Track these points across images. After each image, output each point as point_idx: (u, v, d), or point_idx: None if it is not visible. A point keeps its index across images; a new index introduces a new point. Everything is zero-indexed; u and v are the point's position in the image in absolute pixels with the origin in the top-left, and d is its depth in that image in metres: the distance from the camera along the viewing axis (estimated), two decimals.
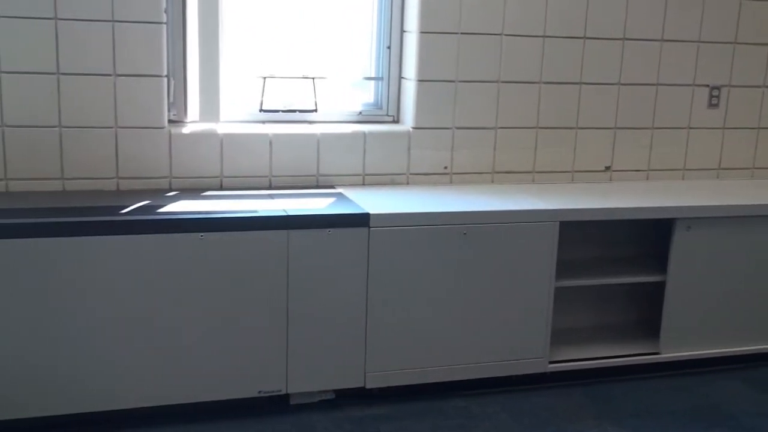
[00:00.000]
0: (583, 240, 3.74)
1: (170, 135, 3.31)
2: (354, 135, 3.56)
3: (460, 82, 3.63)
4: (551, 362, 3.44)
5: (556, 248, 3.32)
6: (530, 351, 3.39)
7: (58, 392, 2.87)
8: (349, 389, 3.21)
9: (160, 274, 2.90)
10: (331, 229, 3.04)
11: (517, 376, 3.42)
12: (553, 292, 3.37)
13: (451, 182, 3.72)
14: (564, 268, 3.42)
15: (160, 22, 3.20)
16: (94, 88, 3.18)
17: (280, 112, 3.59)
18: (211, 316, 2.98)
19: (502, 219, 3.26)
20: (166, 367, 2.96)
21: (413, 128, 3.63)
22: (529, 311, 3.36)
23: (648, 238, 3.81)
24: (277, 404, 3.16)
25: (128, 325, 2.90)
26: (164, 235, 2.89)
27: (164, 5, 3.21)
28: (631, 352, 3.59)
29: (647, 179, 4.03)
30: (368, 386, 3.21)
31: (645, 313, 3.85)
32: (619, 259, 3.81)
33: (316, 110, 3.62)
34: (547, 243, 3.31)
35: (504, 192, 3.62)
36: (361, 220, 3.08)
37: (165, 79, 3.27)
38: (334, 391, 3.23)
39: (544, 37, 3.71)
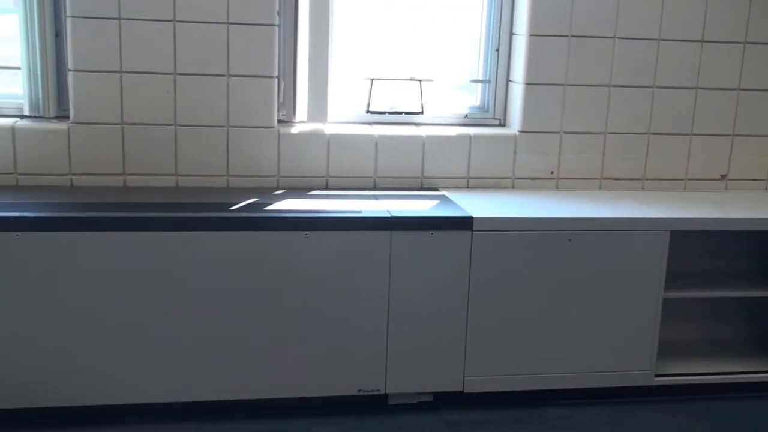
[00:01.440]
0: (695, 251, 3.61)
1: (279, 135, 3.38)
2: (459, 138, 3.55)
3: (569, 85, 3.57)
4: (657, 375, 3.33)
5: (665, 258, 3.21)
6: (635, 363, 3.29)
7: (161, 380, 2.99)
8: (447, 392, 3.20)
9: (266, 271, 2.97)
10: (434, 232, 3.04)
11: (620, 387, 3.32)
12: (661, 304, 3.26)
13: (557, 187, 3.66)
14: (673, 278, 3.30)
15: (273, 25, 3.28)
16: (208, 88, 3.29)
17: (387, 114, 3.61)
18: (314, 314, 3.02)
19: (610, 226, 3.18)
20: (271, 361, 3.03)
21: (520, 132, 3.58)
22: (635, 322, 3.26)
23: (765, 250, 3.64)
24: (375, 404, 3.18)
25: (234, 318, 2.98)
26: (271, 232, 2.95)
27: (277, 8, 3.29)
28: (743, 369, 3.43)
29: (767, 189, 3.85)
30: (467, 390, 3.19)
31: (759, 329, 3.67)
32: (733, 272, 3.65)
33: (422, 112, 3.62)
34: (656, 252, 3.21)
35: (612, 199, 3.52)
36: (465, 223, 3.07)
37: (276, 80, 3.34)
38: (433, 393, 3.22)
39: (659, 40, 3.59)
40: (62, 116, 3.30)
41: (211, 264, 2.93)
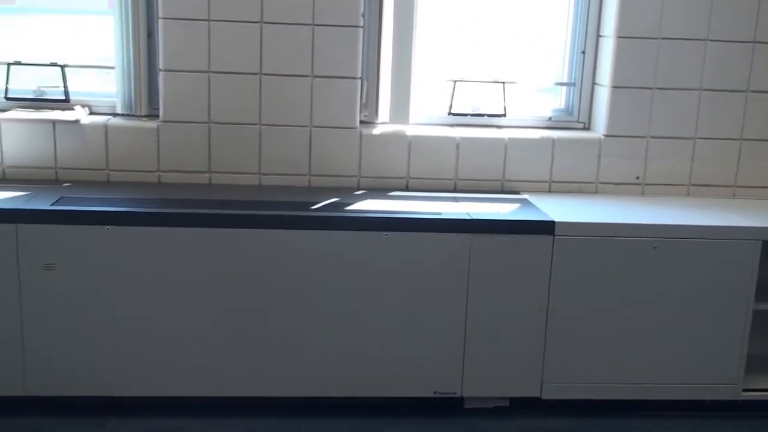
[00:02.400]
0: None
1: (361, 135, 3.41)
2: (542, 141, 3.50)
3: (657, 89, 3.47)
4: (745, 390, 3.21)
5: (756, 269, 3.10)
6: (722, 376, 3.18)
7: (238, 375, 3.05)
8: (524, 398, 3.16)
9: (345, 270, 2.99)
10: (515, 235, 3.01)
11: (704, 401, 3.22)
12: (751, 316, 3.14)
13: (642, 193, 3.57)
14: (765, 290, 3.18)
15: (358, 26, 3.31)
16: (292, 88, 3.34)
17: (469, 116, 3.59)
18: (392, 314, 3.03)
19: (698, 234, 3.08)
20: (347, 360, 3.05)
21: (605, 136, 3.51)
22: (722, 334, 3.15)
23: None
24: (450, 407, 3.17)
25: (312, 316, 3.01)
26: (351, 232, 2.98)
27: (362, 9, 3.31)
28: None
29: None
30: (544, 397, 3.14)
31: None
32: None
33: (504, 115, 3.59)
34: (746, 262, 3.09)
35: (700, 206, 3.41)
36: (546, 227, 3.02)
37: (359, 81, 3.37)
38: (509, 398, 3.19)
39: (754, 42, 3.47)
40: (152, 115, 3.40)
41: (292, 262, 2.97)
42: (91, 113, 3.43)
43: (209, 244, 2.94)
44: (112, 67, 3.38)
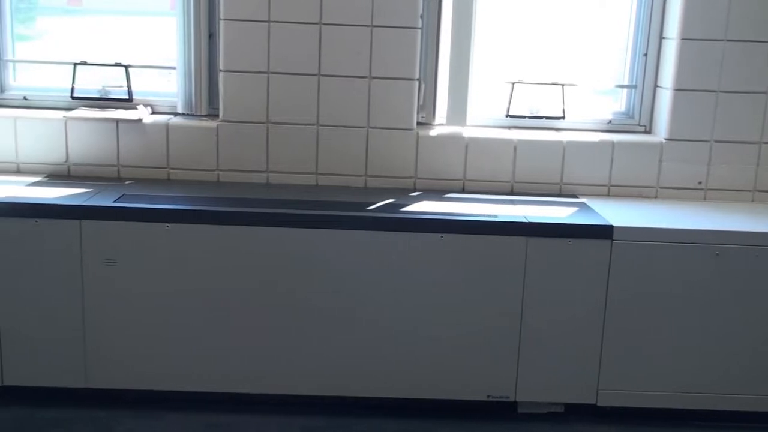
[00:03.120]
0: None
1: (418, 137, 3.40)
2: (602, 144, 3.45)
3: (722, 92, 3.39)
4: None
5: None
6: None
7: (297, 373, 3.07)
8: (579, 404, 3.12)
9: (400, 271, 2.99)
10: (572, 239, 2.97)
11: (765, 413, 3.13)
12: None
13: (705, 199, 3.49)
14: None
15: (416, 27, 3.31)
16: (350, 89, 3.35)
17: (527, 118, 3.56)
18: (446, 316, 3.02)
19: (762, 241, 3.00)
20: (400, 361, 3.05)
21: (666, 139, 3.44)
22: None
23: None
24: (503, 411, 3.14)
25: (366, 316, 3.02)
26: (406, 233, 2.98)
27: (420, 11, 3.31)
28: None
29: None
30: (600, 404, 3.09)
31: None
32: None
33: (563, 117, 3.55)
34: None
35: (765, 212, 3.32)
36: (604, 232, 2.98)
37: (416, 83, 3.37)
38: (564, 404, 3.15)
39: None
40: (212, 114, 3.45)
41: (348, 262, 2.98)
42: (153, 113, 3.49)
43: (266, 243, 2.97)
44: (174, 68, 3.44)
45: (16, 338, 3.00)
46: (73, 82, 3.46)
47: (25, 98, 3.50)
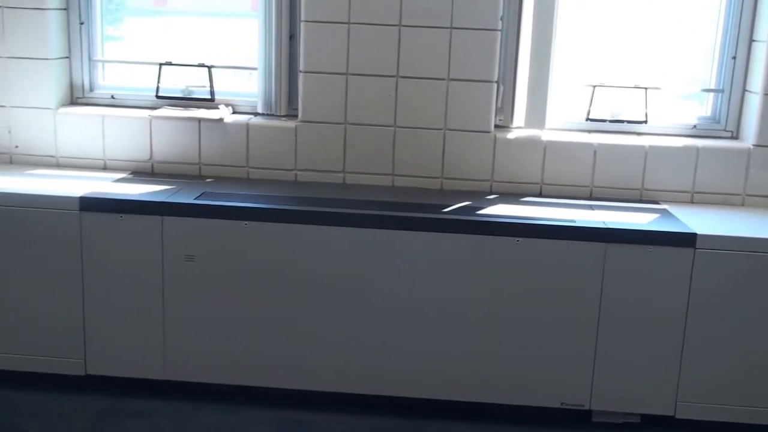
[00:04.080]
0: None
1: (495, 139, 3.37)
2: (685, 149, 3.35)
3: None
4: None
5: None
6: None
7: (366, 373, 3.08)
8: (656, 416, 3.04)
9: (475, 274, 2.97)
10: (653, 246, 2.90)
11: None
12: None
13: None
14: None
15: (496, 29, 3.28)
16: (428, 91, 3.35)
17: (608, 122, 3.49)
18: (520, 321, 2.99)
19: None
20: (471, 364, 3.04)
21: (755, 146, 3.33)
22: None
23: None
24: (577, 419, 3.09)
25: (437, 318, 3.01)
26: (482, 236, 2.96)
27: (501, 13, 3.28)
28: None
29: None
30: (678, 416, 3.01)
31: None
32: None
33: (645, 121, 3.46)
34: None
35: None
36: (687, 239, 2.90)
37: (495, 85, 3.34)
38: (641, 415, 3.07)
39: None
40: (291, 115, 3.49)
41: (422, 264, 2.98)
42: (234, 112, 3.56)
43: (341, 243, 2.99)
44: (255, 68, 3.50)
45: (99, 329, 3.11)
46: (158, 82, 3.55)
47: (112, 97, 3.61)
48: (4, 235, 3.07)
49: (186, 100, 3.58)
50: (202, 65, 3.56)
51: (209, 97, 3.56)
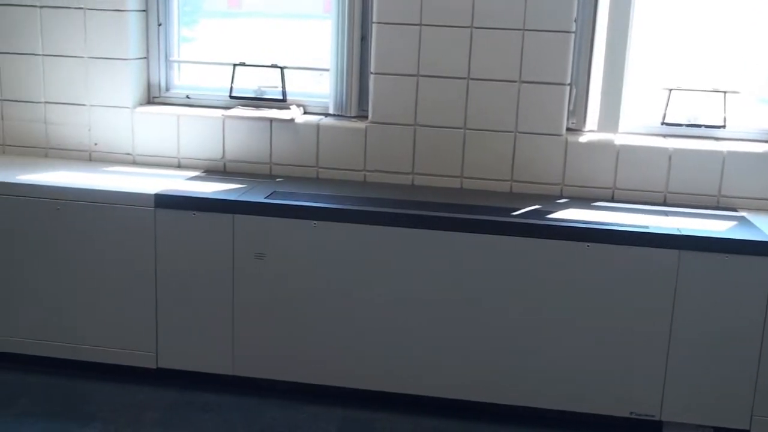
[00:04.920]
0: None
1: (567, 143, 3.33)
2: (765, 155, 3.25)
3: None
4: None
5: None
6: None
7: (435, 375, 3.07)
8: (731, 429, 2.95)
9: (544, 279, 2.94)
10: (729, 255, 2.82)
11: None
12: None
13: None
14: None
15: (569, 32, 3.24)
16: (499, 93, 3.32)
17: (684, 126, 3.40)
18: (590, 327, 2.94)
19: None
20: (538, 370, 3.00)
21: None
22: None
23: None
24: (647, 429, 3.02)
25: (503, 323, 2.99)
26: (551, 240, 2.92)
27: (575, 14, 3.24)
28: None
29: None
30: (753, 430, 2.92)
31: None
32: None
33: (724, 126, 3.37)
34: None
35: None
36: (765, 249, 2.81)
37: (567, 88, 3.29)
38: (714, 428, 2.99)
39: None
40: (361, 116, 3.51)
41: (490, 267, 2.96)
42: (305, 113, 3.59)
43: (409, 244, 2.99)
44: (327, 69, 3.53)
45: (171, 323, 3.18)
46: (231, 82, 3.61)
47: (187, 97, 3.69)
48: (83, 229, 3.17)
49: (258, 100, 3.63)
50: (274, 66, 3.61)
51: (281, 97, 3.60)
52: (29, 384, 3.22)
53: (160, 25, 3.64)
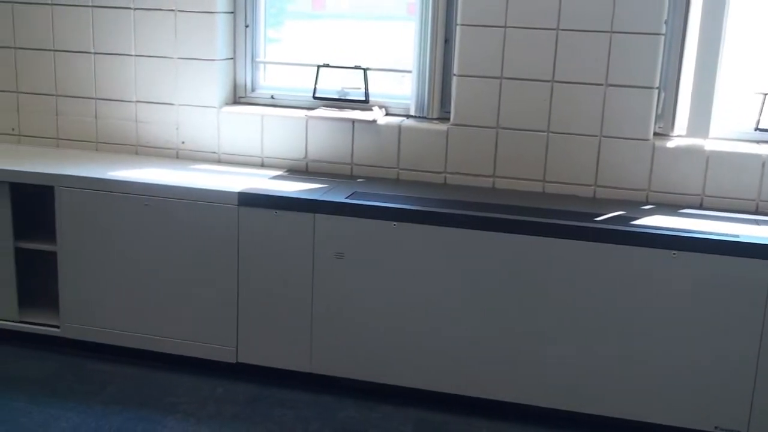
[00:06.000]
0: None
1: (654, 148, 3.25)
2: None
3: None
4: None
5: None
6: None
7: (516, 380, 3.04)
8: None
9: (626, 287, 2.87)
10: None
11: None
12: None
13: None
14: None
15: (659, 34, 3.16)
16: (584, 96, 3.26)
17: None
18: (673, 337, 2.87)
19: None
20: (615, 378, 2.94)
21: None
22: None
23: None
24: None
25: (581, 329, 2.94)
26: (635, 247, 2.85)
27: (665, 16, 3.15)
28: None
29: None
30: None
31: None
32: None
33: None
34: None
35: None
36: None
37: (656, 91, 3.21)
38: None
39: None
40: (443, 118, 3.50)
41: (570, 273, 2.92)
42: (387, 114, 3.61)
43: (488, 247, 2.97)
44: (409, 71, 3.53)
45: (251, 319, 3.23)
46: (315, 83, 3.65)
47: (272, 97, 3.75)
48: (168, 225, 3.26)
49: (341, 101, 3.67)
50: (358, 67, 3.63)
51: (364, 98, 3.62)
52: (117, 374, 3.33)
53: (247, 26, 3.71)
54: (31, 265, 3.52)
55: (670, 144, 3.26)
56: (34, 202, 3.45)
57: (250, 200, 3.17)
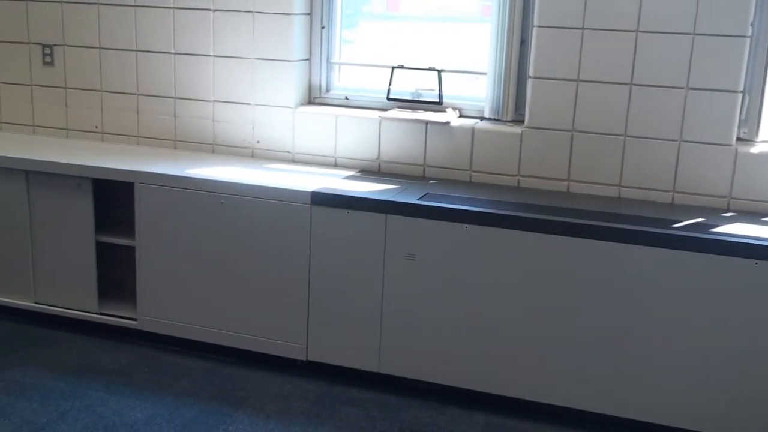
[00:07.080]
0: None
1: (736, 153, 3.15)
2: None
3: None
4: None
5: None
6: None
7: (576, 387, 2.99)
8: None
9: (703, 296, 2.80)
10: None
11: None
12: None
13: None
14: None
15: (744, 36, 3.06)
16: (664, 100, 3.19)
17: None
18: (747, 351, 2.78)
19: None
20: (673, 387, 2.87)
21: None
22: None
23: None
24: None
25: (655, 338, 2.87)
26: (714, 256, 2.77)
27: (752, 18, 3.05)
28: None
29: None
30: None
31: None
32: None
33: None
34: None
35: None
36: None
37: (740, 95, 3.11)
38: None
39: None
40: (517, 120, 3.47)
41: (647, 281, 2.85)
42: (461, 116, 3.59)
43: (561, 252, 2.93)
44: (484, 73, 3.51)
45: (321, 317, 3.26)
46: (389, 84, 3.66)
47: (346, 98, 3.78)
48: (243, 222, 3.31)
49: (415, 103, 3.67)
50: (432, 69, 3.63)
51: (437, 100, 3.61)
52: (190, 367, 3.40)
53: (323, 27, 3.75)
54: (111, 258, 3.63)
55: (754, 150, 3.15)
56: (116, 197, 3.56)
57: (323, 200, 3.20)
